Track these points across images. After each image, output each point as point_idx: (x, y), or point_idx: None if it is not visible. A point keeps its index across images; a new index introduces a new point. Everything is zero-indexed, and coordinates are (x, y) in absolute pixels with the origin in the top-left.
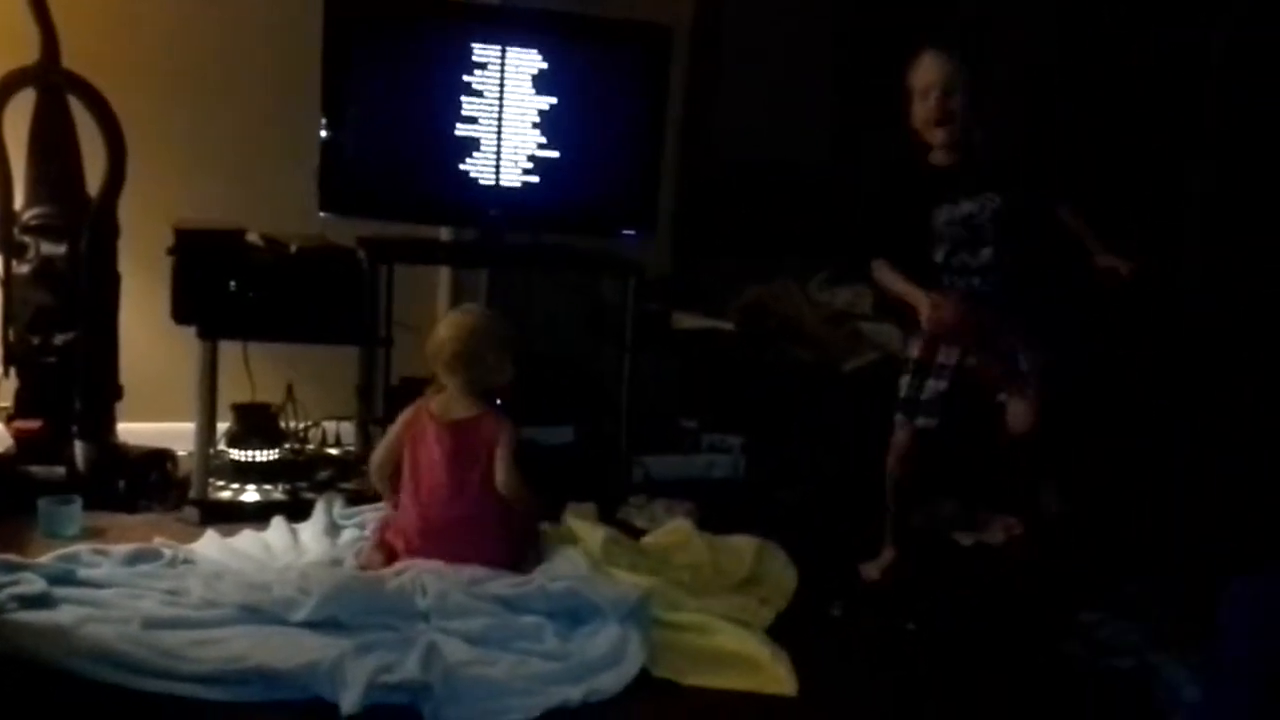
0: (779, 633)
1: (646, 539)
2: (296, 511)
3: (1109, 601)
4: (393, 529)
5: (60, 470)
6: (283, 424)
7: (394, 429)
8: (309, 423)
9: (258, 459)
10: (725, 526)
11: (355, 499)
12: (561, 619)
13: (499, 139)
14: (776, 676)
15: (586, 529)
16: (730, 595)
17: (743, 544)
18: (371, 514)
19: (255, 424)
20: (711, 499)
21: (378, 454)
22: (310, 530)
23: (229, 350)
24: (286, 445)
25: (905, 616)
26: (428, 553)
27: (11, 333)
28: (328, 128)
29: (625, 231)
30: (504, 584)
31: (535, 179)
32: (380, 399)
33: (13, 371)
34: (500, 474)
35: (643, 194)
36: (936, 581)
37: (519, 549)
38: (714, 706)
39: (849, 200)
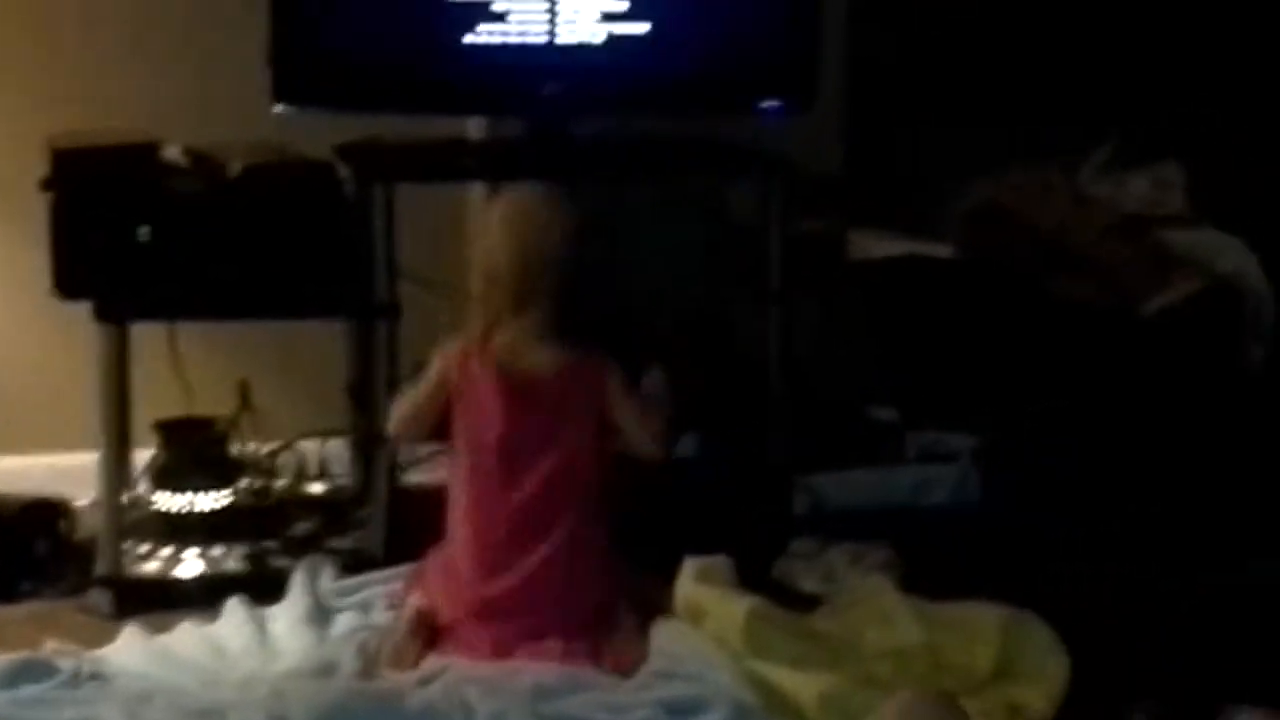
0: None
1: (820, 612)
2: (263, 589)
3: None
4: (433, 571)
5: None
6: (236, 449)
7: (426, 384)
8: (277, 444)
9: (199, 506)
10: (949, 587)
11: (354, 564)
12: None
13: None
14: None
15: (717, 598)
16: (963, 700)
17: (980, 616)
18: (382, 586)
19: (193, 451)
20: (925, 541)
21: (401, 412)
22: (286, 618)
23: (147, 337)
24: (243, 483)
25: None
26: (490, 584)
27: None
28: None
29: (765, 104)
30: (588, 699)
31: (616, 30)
32: (384, 401)
33: None
34: (630, 429)
35: (793, 42)
36: None
37: (621, 591)
38: None
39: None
